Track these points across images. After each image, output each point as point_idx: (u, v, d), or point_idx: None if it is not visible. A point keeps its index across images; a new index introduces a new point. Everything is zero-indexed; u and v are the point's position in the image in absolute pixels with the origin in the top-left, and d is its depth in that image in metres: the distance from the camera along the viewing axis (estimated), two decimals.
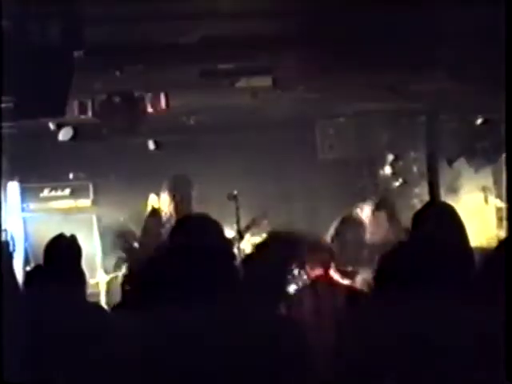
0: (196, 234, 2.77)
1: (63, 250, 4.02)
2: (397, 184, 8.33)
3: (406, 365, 2.70)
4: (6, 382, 3.39)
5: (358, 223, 6.68)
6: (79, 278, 4.05)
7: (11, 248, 6.88)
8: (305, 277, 5.45)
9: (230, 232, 6.39)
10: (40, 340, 3.75)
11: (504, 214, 7.38)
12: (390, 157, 8.33)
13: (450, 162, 8.23)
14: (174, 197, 6.82)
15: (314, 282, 5.22)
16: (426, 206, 3.70)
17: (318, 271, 5.23)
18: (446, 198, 7.63)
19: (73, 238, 4.13)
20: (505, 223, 7.22)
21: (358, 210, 6.75)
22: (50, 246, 4.08)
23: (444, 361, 2.69)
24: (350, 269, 6.55)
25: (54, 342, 3.73)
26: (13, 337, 3.74)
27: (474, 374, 2.66)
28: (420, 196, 8.14)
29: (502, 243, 3.14)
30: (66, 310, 3.82)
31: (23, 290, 4.69)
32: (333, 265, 6.48)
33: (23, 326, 3.87)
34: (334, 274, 6.38)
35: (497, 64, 3.81)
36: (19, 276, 6.22)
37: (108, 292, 7.72)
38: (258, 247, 4.18)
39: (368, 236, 6.60)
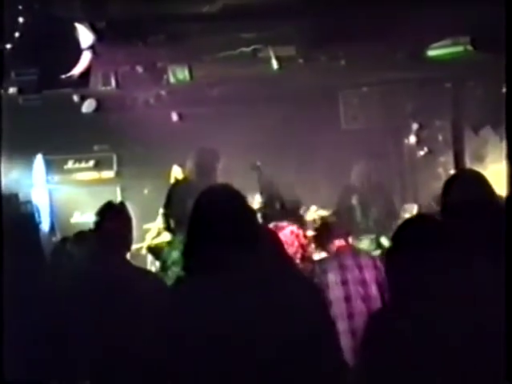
0: (220, 204, 2.75)
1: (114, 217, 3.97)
2: (422, 153, 8.27)
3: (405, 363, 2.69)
4: (6, 382, 3.41)
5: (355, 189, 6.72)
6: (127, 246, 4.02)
7: (37, 219, 6.94)
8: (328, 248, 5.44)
9: (253, 202, 6.39)
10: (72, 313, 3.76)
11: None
12: (415, 126, 8.26)
13: (476, 131, 8.13)
14: (198, 167, 6.81)
15: (337, 252, 5.20)
16: (457, 174, 3.65)
17: (339, 242, 5.20)
18: (472, 167, 7.56)
19: (122, 205, 4.10)
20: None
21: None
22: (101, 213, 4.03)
23: (444, 360, 2.67)
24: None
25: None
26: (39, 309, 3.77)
27: (474, 373, 2.65)
28: (445, 165, 8.08)
29: None
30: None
31: (50, 261, 4.72)
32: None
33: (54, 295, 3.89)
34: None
35: None
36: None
37: None
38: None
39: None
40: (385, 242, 6.58)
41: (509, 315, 2.67)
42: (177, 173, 7.51)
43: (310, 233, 6.05)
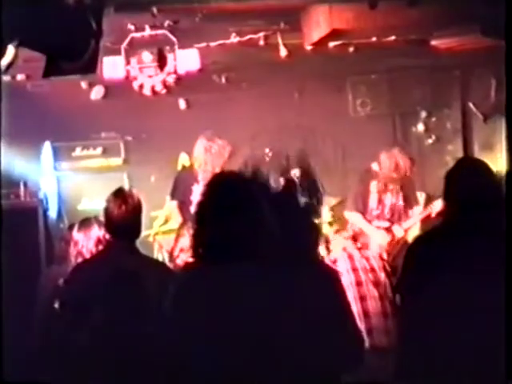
0: (229, 191, 2.76)
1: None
2: (430, 141, 8.24)
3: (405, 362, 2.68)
4: (6, 381, 3.41)
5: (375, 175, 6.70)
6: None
7: (45, 206, 6.95)
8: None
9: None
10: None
11: None
12: (423, 113, 8.23)
13: (485, 119, 8.09)
14: (205, 155, 6.80)
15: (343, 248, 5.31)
16: (459, 164, 3.60)
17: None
18: (481, 155, 7.53)
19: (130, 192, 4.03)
20: None
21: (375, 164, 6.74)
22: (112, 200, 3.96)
23: (444, 359, 2.67)
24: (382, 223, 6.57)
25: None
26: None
27: (474, 372, 2.64)
28: (454, 153, 8.05)
29: None
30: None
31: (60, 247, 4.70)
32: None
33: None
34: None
35: None
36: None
37: None
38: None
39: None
40: (398, 230, 6.56)
41: (509, 316, 2.66)
42: (184, 160, 7.51)
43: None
